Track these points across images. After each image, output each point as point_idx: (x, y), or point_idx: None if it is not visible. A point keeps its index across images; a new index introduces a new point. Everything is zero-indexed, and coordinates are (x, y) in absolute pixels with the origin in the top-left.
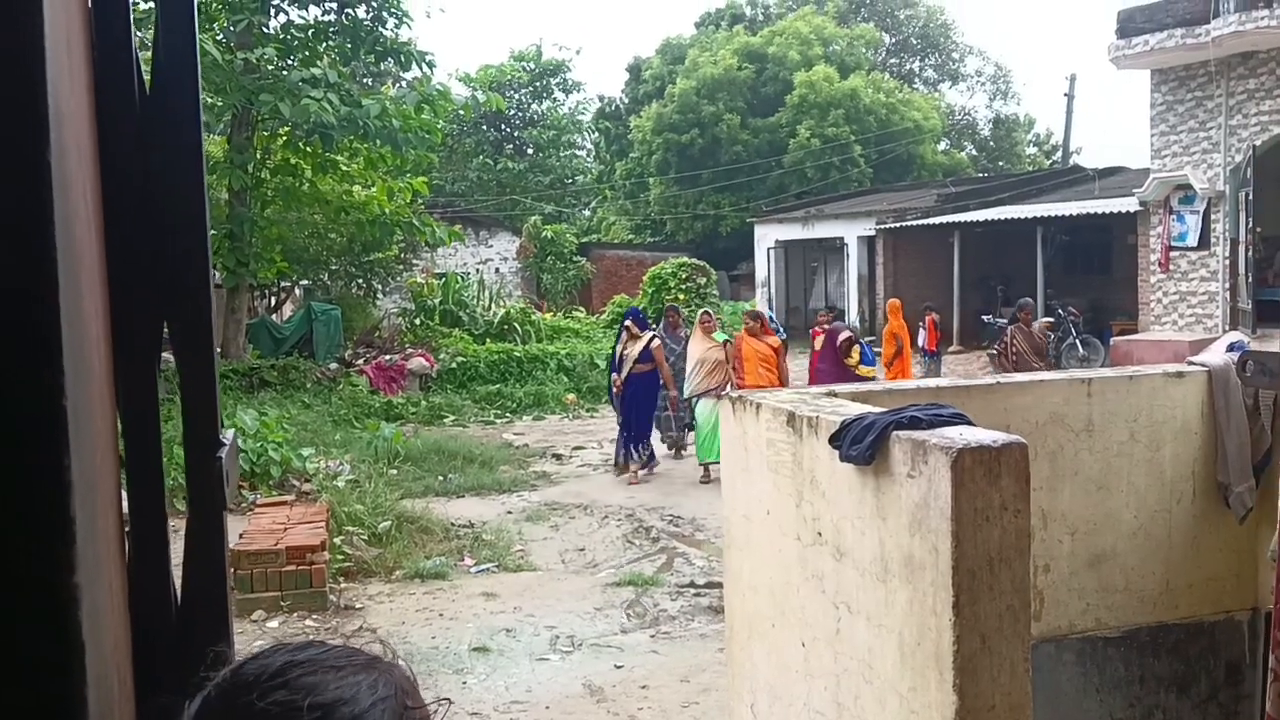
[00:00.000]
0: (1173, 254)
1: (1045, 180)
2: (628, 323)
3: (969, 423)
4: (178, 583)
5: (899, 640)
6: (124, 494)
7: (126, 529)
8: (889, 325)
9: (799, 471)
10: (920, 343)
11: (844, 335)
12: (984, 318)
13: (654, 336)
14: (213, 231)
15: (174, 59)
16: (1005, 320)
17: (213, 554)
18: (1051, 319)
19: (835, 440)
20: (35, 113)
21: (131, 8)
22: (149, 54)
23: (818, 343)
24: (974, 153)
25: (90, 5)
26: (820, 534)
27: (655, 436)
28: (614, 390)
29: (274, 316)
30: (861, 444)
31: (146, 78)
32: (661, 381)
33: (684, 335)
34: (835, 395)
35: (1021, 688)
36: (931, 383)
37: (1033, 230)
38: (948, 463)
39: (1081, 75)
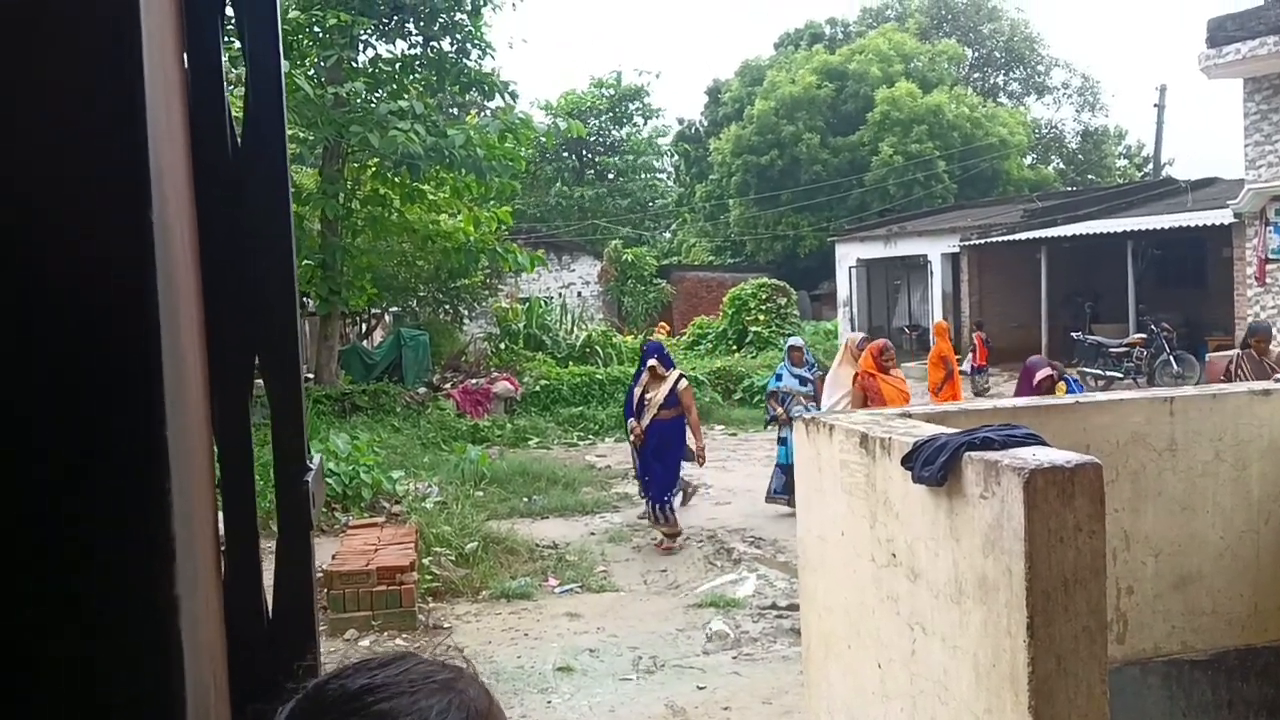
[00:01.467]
0: (1269, 266)
1: (1135, 193)
2: (651, 361)
3: (1043, 443)
4: (269, 599)
5: (974, 661)
6: (220, 515)
7: (222, 548)
8: (935, 348)
9: (872, 493)
10: (967, 363)
11: (1043, 373)
12: (1073, 335)
13: (681, 376)
14: (306, 261)
15: (262, 116)
16: (1094, 337)
17: (301, 572)
18: (1143, 335)
19: (908, 461)
20: (138, 169)
21: (224, 71)
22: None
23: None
24: (1061, 166)
25: (187, 69)
26: (894, 555)
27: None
28: (631, 438)
29: (365, 343)
30: (934, 465)
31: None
32: (689, 431)
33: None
34: (909, 416)
35: (1099, 710)
36: (1008, 403)
37: (1123, 245)
38: (1020, 483)
39: (1172, 85)
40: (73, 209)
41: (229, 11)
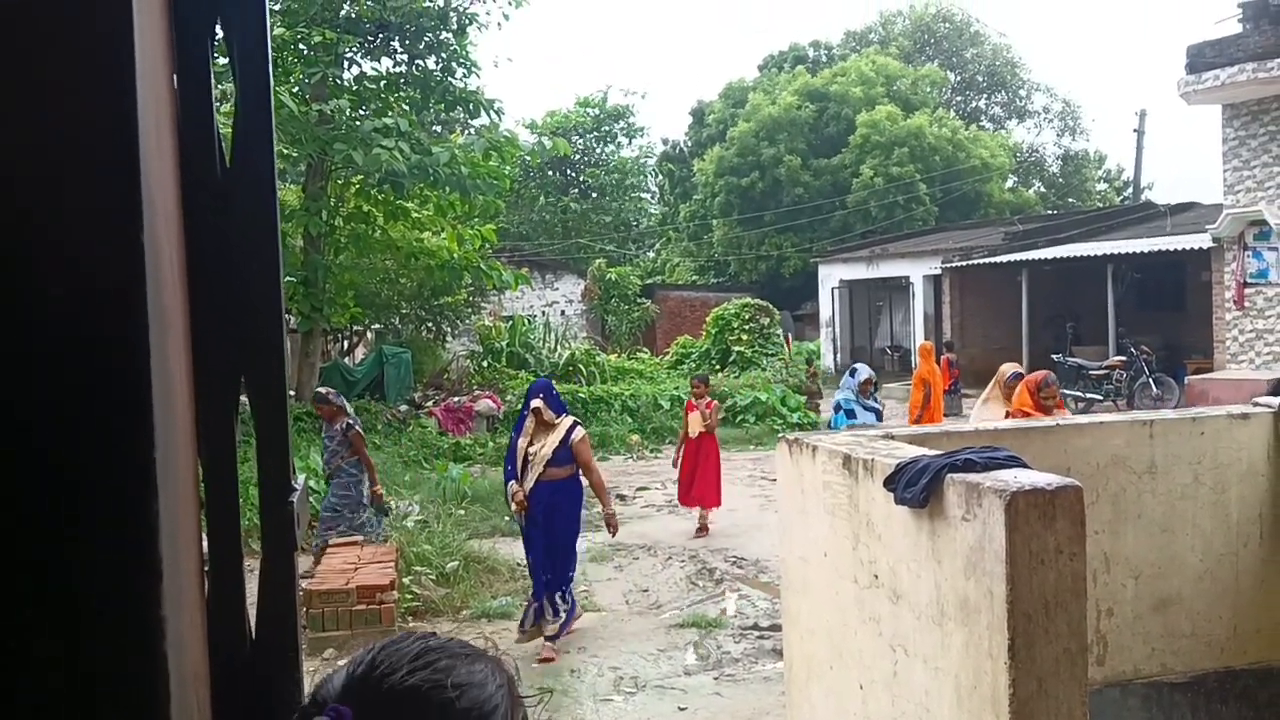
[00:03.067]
0: (1248, 290)
1: (1116, 217)
2: (535, 403)
3: (1025, 465)
4: (252, 619)
5: (955, 683)
6: (203, 535)
7: (205, 568)
8: (918, 370)
9: (855, 514)
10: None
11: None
12: (1054, 357)
13: (575, 424)
14: (289, 278)
15: (251, 136)
16: (1075, 360)
17: (284, 592)
18: (1123, 358)
19: (890, 483)
20: (130, 189)
21: (213, 89)
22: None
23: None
24: (1042, 190)
25: (176, 87)
26: (877, 576)
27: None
28: (512, 506)
29: (347, 360)
30: (916, 487)
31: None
32: (587, 494)
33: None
34: (892, 437)
35: None
36: (990, 425)
37: (1103, 268)
38: (1001, 505)
39: (1152, 110)
40: (65, 228)
41: (219, 31)
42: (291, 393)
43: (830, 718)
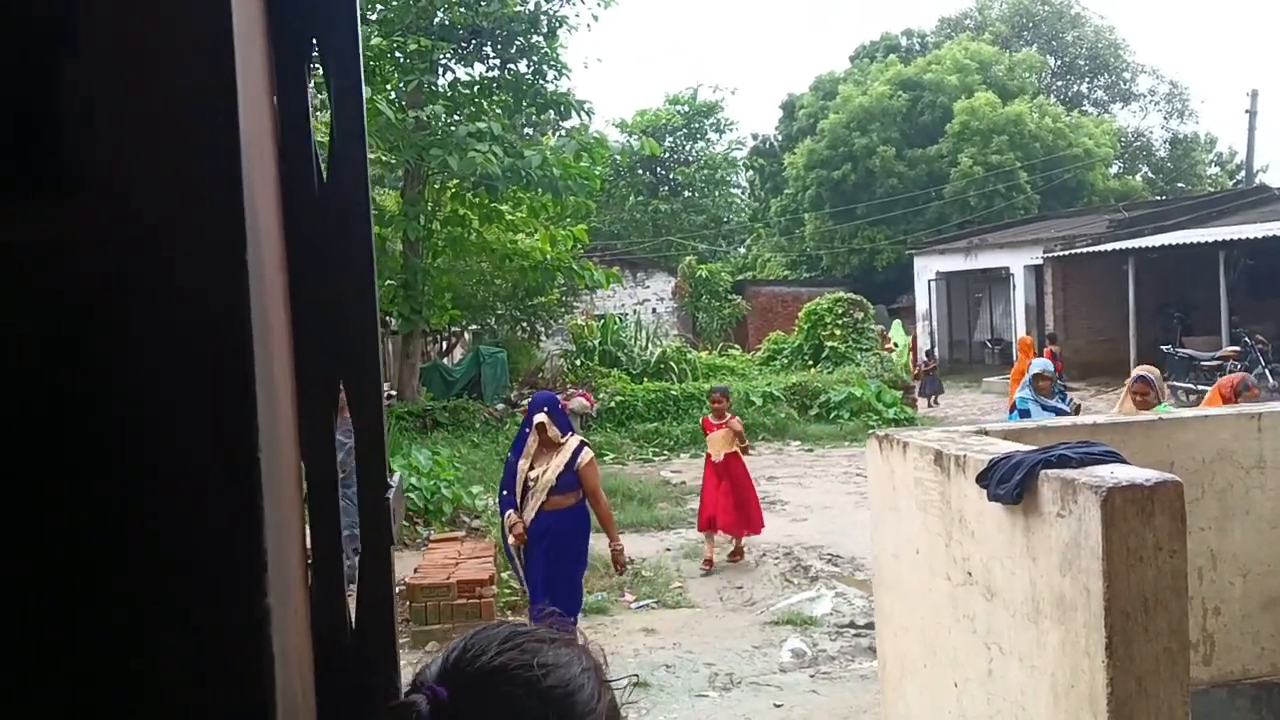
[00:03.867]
0: None
1: (1227, 201)
2: (539, 418)
3: (1122, 461)
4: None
5: (1052, 682)
6: (308, 531)
7: (310, 562)
8: (1017, 364)
9: (947, 510)
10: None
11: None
12: (1163, 348)
13: (583, 445)
14: (389, 281)
15: (346, 154)
16: (1185, 351)
17: (382, 587)
18: (1237, 348)
19: (982, 479)
20: (235, 209)
21: (311, 111)
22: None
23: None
24: (1150, 175)
25: (276, 109)
26: (970, 574)
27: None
28: (510, 539)
29: (446, 360)
30: (1009, 483)
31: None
32: (594, 524)
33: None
34: (986, 433)
35: None
36: (1088, 420)
37: (1214, 255)
38: (1097, 502)
39: (1265, 90)
40: (176, 246)
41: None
42: (393, 393)
43: (925, 716)
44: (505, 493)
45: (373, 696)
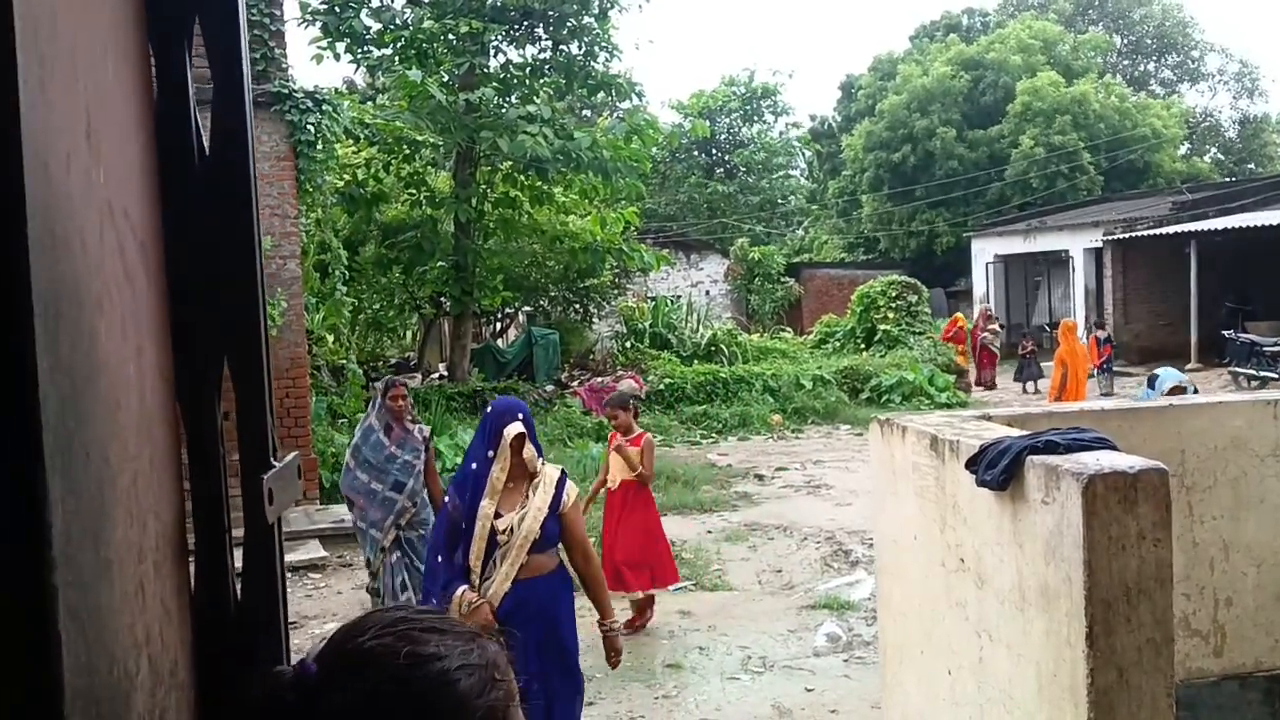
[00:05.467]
0: None
1: None
2: (515, 428)
3: (1112, 447)
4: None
5: (1037, 670)
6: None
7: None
8: (1060, 349)
9: (942, 496)
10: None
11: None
12: (1225, 333)
13: (564, 473)
14: (440, 263)
15: (227, 127)
16: (1247, 336)
17: (264, 562)
18: None
19: (971, 465)
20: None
21: (191, 85)
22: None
23: None
24: (1219, 156)
25: (153, 84)
26: (963, 560)
27: None
28: (448, 601)
29: (499, 341)
30: (995, 469)
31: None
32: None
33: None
34: (988, 418)
35: None
36: (1097, 405)
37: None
38: (1079, 489)
39: None
40: None
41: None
42: (445, 373)
43: (922, 703)
44: (437, 559)
45: (256, 665)
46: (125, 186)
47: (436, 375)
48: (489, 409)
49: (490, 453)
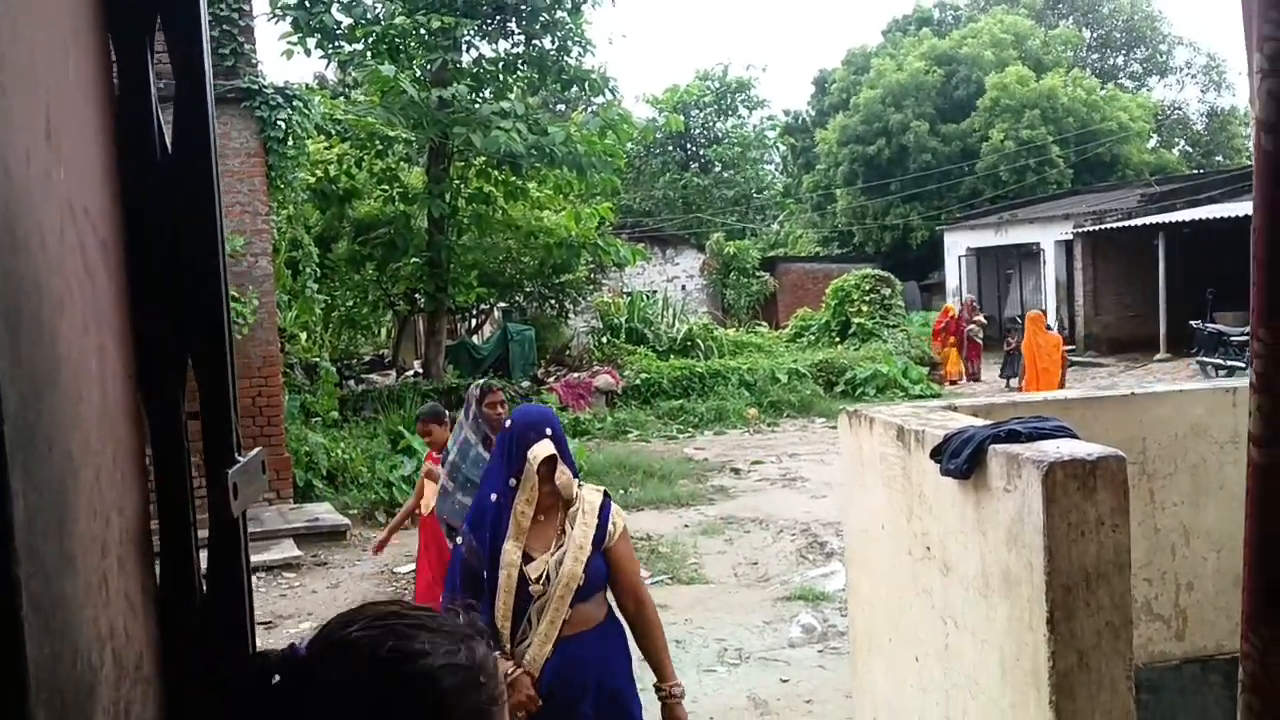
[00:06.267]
0: None
1: None
2: (540, 449)
3: (1073, 435)
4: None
5: (1000, 655)
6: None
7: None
8: (1028, 338)
9: (909, 485)
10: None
11: None
12: (1193, 323)
13: (607, 496)
14: (414, 259)
15: (189, 126)
16: (1215, 326)
17: (228, 555)
18: None
19: (936, 454)
20: None
21: (153, 84)
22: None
23: None
24: (1187, 149)
25: (115, 72)
26: (929, 548)
27: None
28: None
29: (474, 338)
30: (959, 458)
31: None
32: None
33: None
34: (953, 409)
35: (1123, 708)
36: (1060, 395)
37: (1247, 230)
38: (1039, 476)
39: None
40: None
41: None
42: (420, 370)
43: (890, 690)
44: (454, 584)
45: (221, 653)
46: (85, 184)
47: (411, 372)
48: (508, 424)
49: (512, 480)
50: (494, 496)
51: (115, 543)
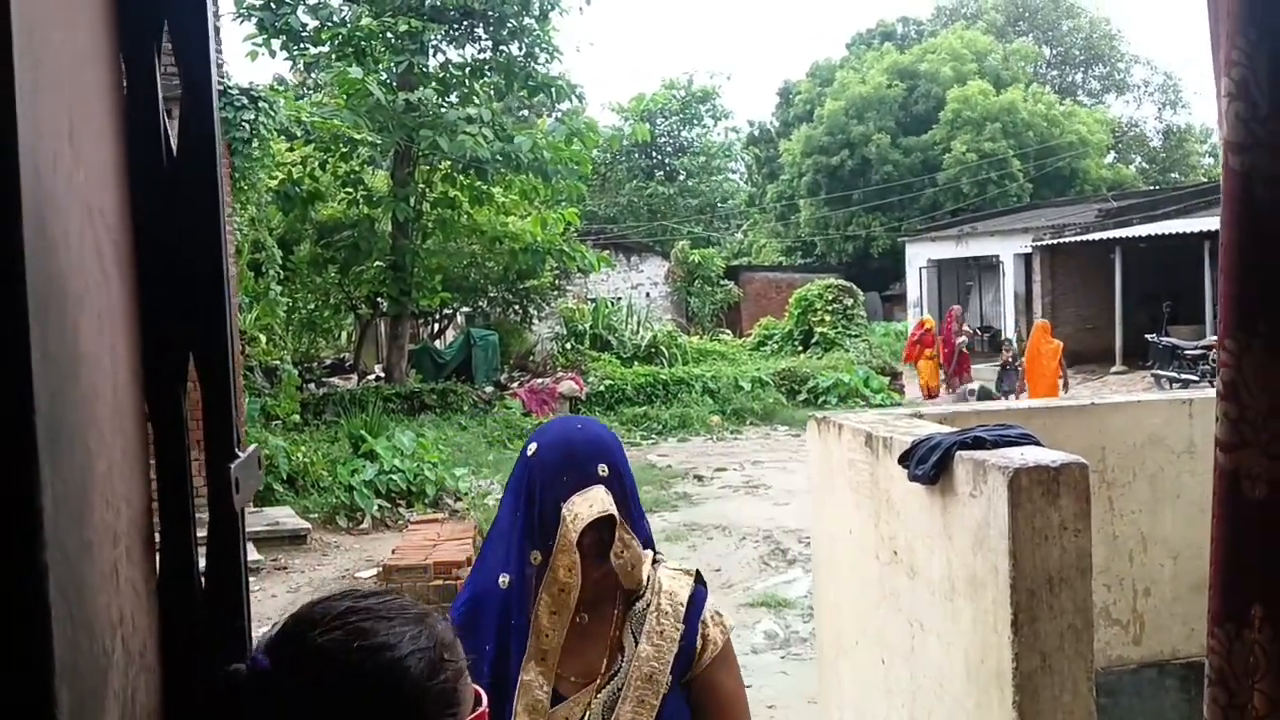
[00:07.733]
0: None
1: (1216, 192)
2: (585, 504)
3: (1036, 443)
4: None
5: (965, 657)
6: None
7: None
8: (1032, 343)
9: (877, 491)
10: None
11: None
12: (1148, 337)
13: (701, 580)
14: (378, 263)
15: (196, 131)
16: (1169, 339)
17: (228, 549)
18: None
19: (904, 460)
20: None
21: (160, 89)
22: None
23: None
24: (1144, 166)
25: (122, 88)
26: (896, 553)
27: None
28: None
29: (437, 343)
30: (926, 464)
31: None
32: None
33: None
34: (919, 416)
35: (1085, 709)
36: (1023, 404)
37: (1200, 245)
38: (1005, 482)
39: None
40: None
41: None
42: (382, 374)
43: (856, 692)
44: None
45: (219, 649)
46: (101, 187)
47: (373, 376)
48: (527, 451)
49: (537, 554)
50: (504, 580)
51: (124, 533)
